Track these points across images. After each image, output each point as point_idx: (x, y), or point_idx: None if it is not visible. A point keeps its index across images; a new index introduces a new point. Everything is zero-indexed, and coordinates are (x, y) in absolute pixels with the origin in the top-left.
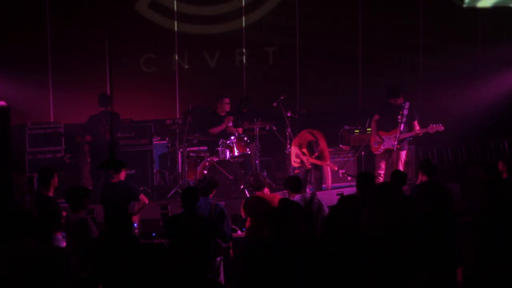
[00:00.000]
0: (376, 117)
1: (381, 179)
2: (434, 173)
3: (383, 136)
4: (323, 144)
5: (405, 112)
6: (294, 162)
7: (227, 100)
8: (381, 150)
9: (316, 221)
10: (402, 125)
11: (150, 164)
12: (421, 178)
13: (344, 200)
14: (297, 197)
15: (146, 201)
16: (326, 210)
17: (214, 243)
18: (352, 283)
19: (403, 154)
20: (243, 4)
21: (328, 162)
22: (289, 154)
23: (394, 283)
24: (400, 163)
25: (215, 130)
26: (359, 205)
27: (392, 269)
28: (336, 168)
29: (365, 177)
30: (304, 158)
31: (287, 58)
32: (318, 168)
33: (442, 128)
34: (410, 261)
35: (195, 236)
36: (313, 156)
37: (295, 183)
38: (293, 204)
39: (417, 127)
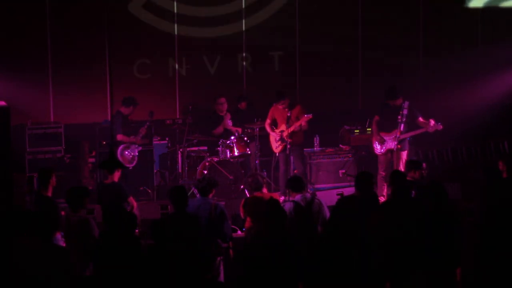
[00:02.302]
0: (376, 118)
1: (384, 181)
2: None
3: (385, 137)
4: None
5: (405, 112)
6: (276, 148)
7: (221, 100)
8: (383, 151)
9: (317, 221)
10: (402, 125)
11: (150, 164)
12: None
13: (343, 201)
14: (297, 197)
15: (135, 204)
16: (327, 210)
17: (214, 243)
18: (351, 282)
19: (404, 154)
20: (243, 6)
21: (303, 119)
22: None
23: (393, 283)
24: (400, 163)
25: (218, 130)
26: (358, 205)
27: (391, 269)
28: (311, 116)
29: (364, 177)
30: (284, 134)
31: (287, 58)
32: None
33: (441, 127)
34: (410, 261)
35: (188, 236)
36: (289, 129)
37: (296, 183)
38: (279, 203)
39: (425, 121)
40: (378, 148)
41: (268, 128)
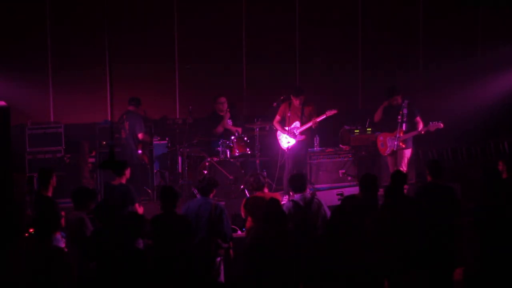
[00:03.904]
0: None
1: None
2: (440, 175)
3: (387, 137)
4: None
5: (405, 111)
6: (287, 144)
7: (221, 100)
8: (389, 151)
9: (316, 221)
10: (404, 124)
11: (150, 164)
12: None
13: (345, 200)
14: (297, 197)
15: (140, 211)
16: (326, 210)
17: (214, 243)
18: (351, 282)
19: (408, 152)
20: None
21: (328, 113)
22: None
23: (392, 282)
24: (404, 160)
25: (218, 130)
26: (362, 206)
27: (390, 269)
28: (336, 111)
29: (368, 179)
30: (299, 131)
31: (287, 58)
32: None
33: (442, 125)
34: (409, 261)
35: (177, 236)
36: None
37: (297, 183)
38: (280, 204)
39: (421, 124)
40: (383, 149)
41: (277, 126)
